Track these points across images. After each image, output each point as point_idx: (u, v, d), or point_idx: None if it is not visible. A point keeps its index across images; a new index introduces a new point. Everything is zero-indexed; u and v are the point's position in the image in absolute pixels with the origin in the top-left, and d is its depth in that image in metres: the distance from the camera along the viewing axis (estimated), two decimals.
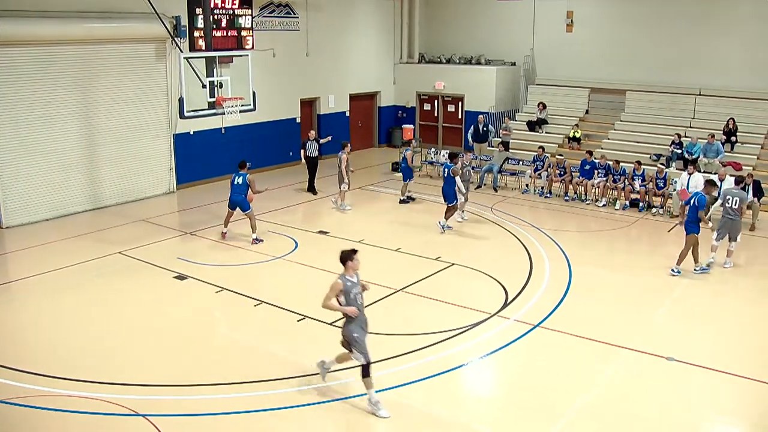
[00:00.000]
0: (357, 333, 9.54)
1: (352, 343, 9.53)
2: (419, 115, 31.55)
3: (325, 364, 10.22)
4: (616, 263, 16.20)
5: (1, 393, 10.08)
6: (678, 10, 25.32)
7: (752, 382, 10.49)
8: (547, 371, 10.86)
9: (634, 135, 24.82)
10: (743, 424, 9.70)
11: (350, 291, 9.49)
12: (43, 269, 15.38)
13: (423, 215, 20.05)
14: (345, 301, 9.49)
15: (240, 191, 17.02)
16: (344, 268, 9.63)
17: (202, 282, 14.60)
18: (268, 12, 25.10)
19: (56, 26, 18.75)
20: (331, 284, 9.44)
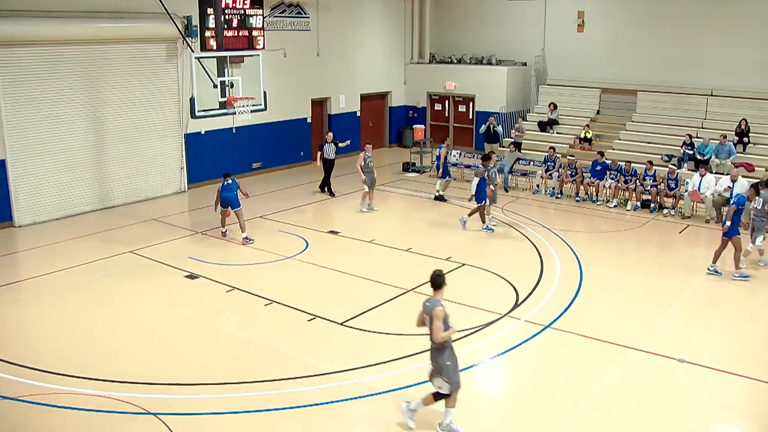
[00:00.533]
0: (451, 360, 8.97)
1: (444, 372, 8.91)
2: (430, 115, 31.52)
3: (410, 406, 9.37)
4: (627, 264, 16.15)
5: (12, 390, 10.14)
6: (691, 10, 25.19)
7: (765, 384, 10.44)
8: (558, 372, 10.83)
9: (646, 135, 24.71)
10: (754, 427, 9.64)
11: (448, 316, 8.95)
12: (53, 268, 15.44)
13: (434, 215, 20.03)
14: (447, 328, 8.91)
15: (231, 189, 17.14)
16: (438, 293, 9.06)
17: (213, 281, 14.62)
18: (279, 12, 25.12)
19: (67, 26, 18.81)
20: (436, 313, 8.72)
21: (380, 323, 12.43)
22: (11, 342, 12.10)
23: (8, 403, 9.82)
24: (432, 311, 8.78)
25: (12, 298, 14.02)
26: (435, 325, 8.72)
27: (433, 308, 8.78)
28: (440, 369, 8.94)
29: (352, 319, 12.61)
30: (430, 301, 8.97)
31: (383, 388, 10.17)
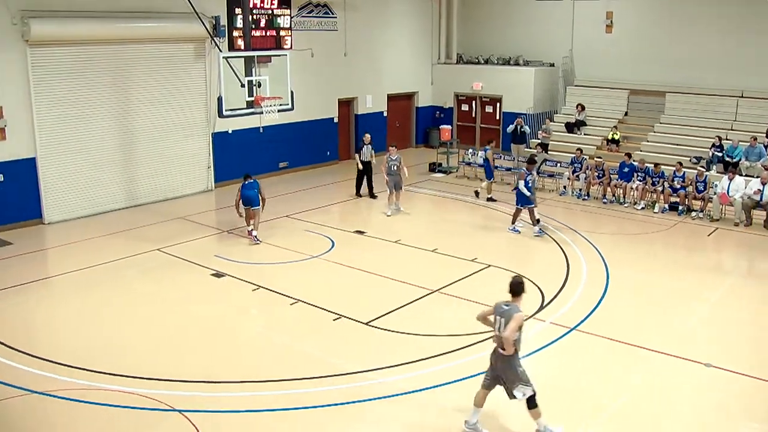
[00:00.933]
0: (522, 366, 8.87)
1: (518, 378, 8.76)
2: (457, 115, 31.47)
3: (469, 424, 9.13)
4: (654, 267, 16.00)
5: (41, 385, 10.25)
6: (720, 10, 24.94)
7: None
8: (582, 374, 10.78)
9: (674, 137, 24.50)
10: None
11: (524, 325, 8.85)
12: (82, 265, 15.60)
13: (461, 216, 20.01)
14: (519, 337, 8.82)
15: (252, 187, 17.16)
16: (518, 299, 8.88)
17: (239, 280, 14.70)
18: (307, 12, 25.19)
19: (97, 26, 19.02)
20: (517, 317, 8.60)
21: (405, 324, 12.43)
22: (41, 338, 12.27)
23: (38, 398, 9.93)
24: (512, 314, 8.66)
25: (41, 295, 14.19)
26: (511, 326, 8.55)
27: (514, 312, 8.68)
28: (517, 376, 8.79)
29: (377, 319, 12.62)
30: (509, 305, 8.82)
31: (407, 388, 10.17)
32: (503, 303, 8.90)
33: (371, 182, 21.95)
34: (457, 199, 21.77)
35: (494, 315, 8.95)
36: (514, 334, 8.58)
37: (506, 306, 8.83)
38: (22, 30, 17.70)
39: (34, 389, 10.14)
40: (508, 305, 8.82)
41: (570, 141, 25.87)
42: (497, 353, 8.92)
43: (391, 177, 19.78)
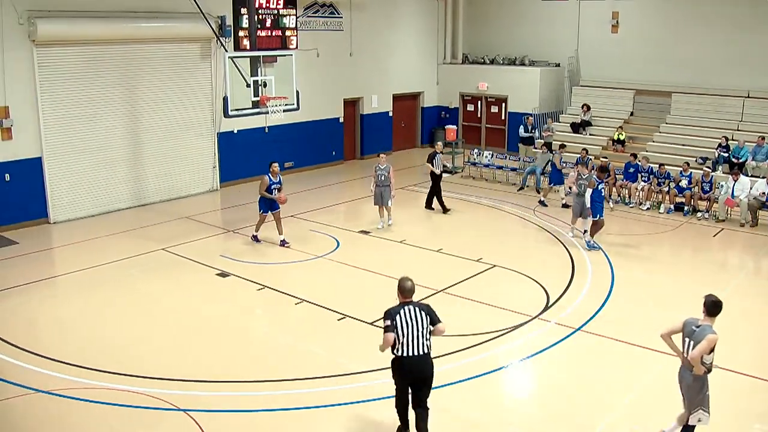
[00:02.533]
0: (708, 390, 8.39)
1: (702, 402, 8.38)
2: (462, 115, 31.47)
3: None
4: (659, 267, 15.98)
5: (45, 384, 10.28)
6: (725, 10, 24.88)
7: None
8: (587, 375, 10.76)
9: (680, 138, 24.46)
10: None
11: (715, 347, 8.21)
12: (87, 264, 15.64)
13: (466, 216, 19.99)
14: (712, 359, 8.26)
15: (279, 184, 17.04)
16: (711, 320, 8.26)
17: (244, 279, 14.72)
18: (312, 12, 25.21)
19: (103, 26, 19.06)
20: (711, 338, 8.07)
21: None
22: (45, 336, 12.31)
23: (40, 397, 9.96)
24: (705, 335, 8.05)
25: (46, 294, 14.22)
26: (702, 346, 8.01)
27: (707, 333, 8.06)
28: (702, 400, 8.35)
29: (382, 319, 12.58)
30: (699, 326, 8.19)
31: None
32: (693, 322, 8.28)
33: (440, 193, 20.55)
34: (462, 200, 21.74)
35: (683, 334, 8.38)
36: (704, 356, 8.08)
37: (697, 327, 8.20)
38: (28, 30, 17.75)
39: (39, 388, 10.16)
40: (698, 326, 8.19)
41: (575, 141, 25.83)
42: (683, 375, 8.44)
43: (378, 189, 18.30)
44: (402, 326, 8.35)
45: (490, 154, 25.50)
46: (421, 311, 8.45)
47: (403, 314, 8.41)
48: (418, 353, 8.34)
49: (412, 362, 8.36)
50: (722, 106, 24.92)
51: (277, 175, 16.90)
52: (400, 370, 8.52)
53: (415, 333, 8.33)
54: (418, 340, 8.34)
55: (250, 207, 20.54)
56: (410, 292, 8.53)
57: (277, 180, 16.85)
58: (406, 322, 8.36)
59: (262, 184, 16.77)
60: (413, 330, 8.33)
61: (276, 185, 16.81)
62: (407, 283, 8.55)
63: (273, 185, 16.78)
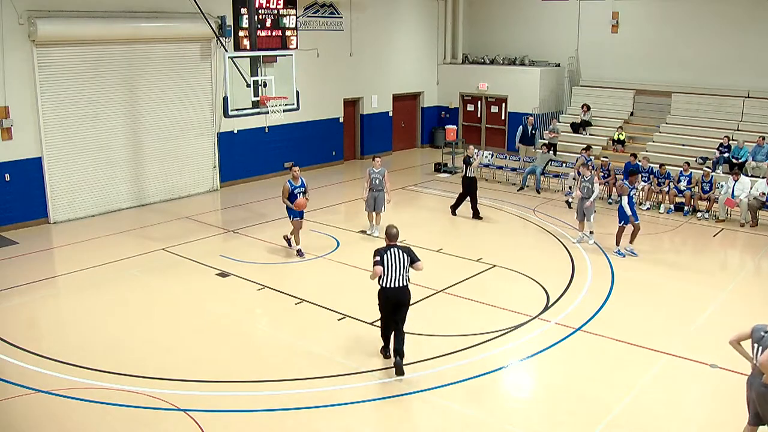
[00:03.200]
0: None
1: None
2: (462, 115, 31.47)
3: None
4: (659, 267, 15.97)
5: (45, 384, 10.28)
6: (725, 10, 24.89)
7: None
8: (587, 375, 10.76)
9: (680, 138, 24.46)
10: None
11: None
12: (87, 264, 15.64)
13: (466, 217, 19.99)
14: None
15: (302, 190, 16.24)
16: None
17: (244, 279, 14.72)
18: (313, 12, 25.22)
19: (103, 26, 19.07)
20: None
21: (409, 323, 12.39)
22: (45, 336, 12.31)
23: (41, 397, 9.96)
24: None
25: (46, 294, 14.22)
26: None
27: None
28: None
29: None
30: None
31: (412, 388, 10.17)
32: (762, 328, 7.96)
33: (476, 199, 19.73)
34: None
35: (751, 340, 8.04)
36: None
37: (765, 332, 7.90)
38: (28, 30, 17.74)
39: (40, 388, 10.16)
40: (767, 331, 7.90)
41: (575, 141, 25.84)
42: (752, 383, 7.98)
43: (371, 194, 17.67)
44: (386, 263, 10.40)
45: (490, 154, 25.51)
46: (402, 252, 10.55)
47: (389, 254, 10.47)
48: (398, 285, 10.46)
49: (393, 292, 10.48)
50: (722, 106, 24.92)
51: (299, 179, 16.00)
52: (384, 298, 10.62)
53: (397, 269, 10.43)
54: (399, 274, 10.44)
55: (250, 207, 20.60)
56: (395, 237, 10.73)
57: (299, 183, 15.96)
58: (390, 260, 10.43)
59: (284, 191, 15.90)
60: (395, 267, 10.42)
61: (300, 189, 15.96)
62: (393, 230, 10.74)
63: (296, 190, 15.93)
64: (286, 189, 15.84)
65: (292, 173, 16.05)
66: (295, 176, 15.96)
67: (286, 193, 15.85)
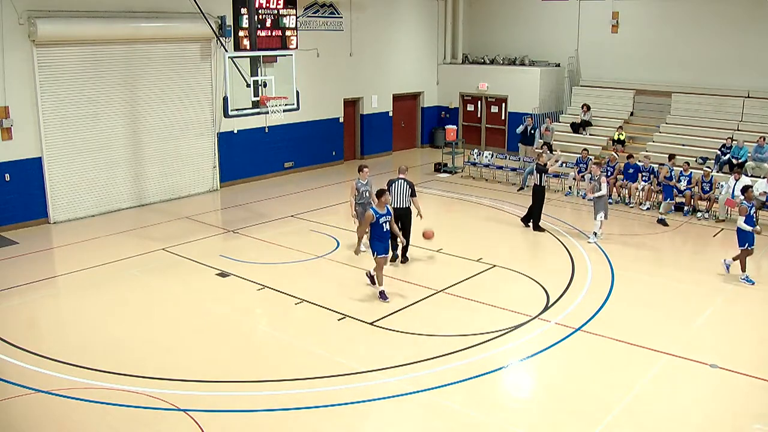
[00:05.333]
0: None
1: None
2: (462, 115, 31.46)
3: None
4: (659, 267, 15.98)
5: (45, 384, 10.28)
6: (725, 10, 24.89)
7: None
8: (587, 375, 10.76)
9: (680, 138, 24.45)
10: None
11: None
12: (87, 264, 15.64)
13: (466, 217, 20.00)
14: None
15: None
16: None
17: (244, 279, 14.71)
18: (313, 12, 25.22)
19: (103, 26, 19.08)
20: None
21: (409, 324, 12.43)
22: (45, 336, 12.32)
23: (41, 397, 9.96)
24: None
25: (46, 294, 14.23)
26: None
27: None
28: None
29: (382, 319, 12.62)
30: None
31: (412, 388, 10.16)
32: None
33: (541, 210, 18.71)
34: (462, 200, 21.75)
35: None
36: None
37: None
38: (28, 30, 17.75)
39: (40, 388, 10.16)
40: None
41: (575, 141, 25.84)
42: None
43: (361, 206, 16.16)
44: (393, 191, 15.26)
45: (490, 154, 25.50)
46: (405, 183, 15.50)
47: (395, 185, 15.46)
48: (400, 206, 15.38)
49: (396, 210, 14.84)
50: (722, 106, 24.90)
51: (385, 206, 13.43)
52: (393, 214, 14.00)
53: (400, 195, 15.44)
54: (402, 198, 15.46)
55: (250, 207, 20.59)
56: (403, 171, 15.73)
57: (385, 211, 13.35)
58: (396, 188, 15.42)
59: (367, 220, 13.34)
60: (399, 193, 15.43)
61: (386, 218, 13.36)
62: (403, 167, 15.84)
63: (382, 219, 13.28)
64: (369, 217, 13.23)
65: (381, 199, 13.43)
66: (382, 202, 13.37)
67: (368, 222, 13.35)
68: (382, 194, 13.48)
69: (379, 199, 13.48)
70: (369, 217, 13.25)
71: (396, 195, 15.13)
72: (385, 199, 13.47)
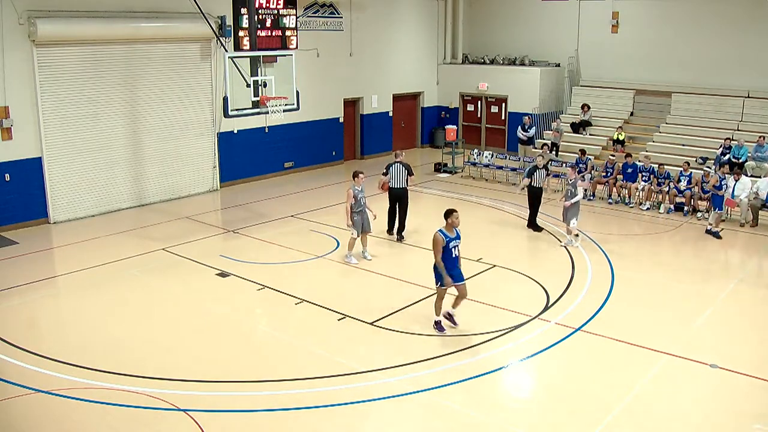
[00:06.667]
0: None
1: None
2: (462, 115, 31.47)
3: None
4: (659, 267, 15.97)
5: (45, 384, 10.28)
6: (725, 10, 24.89)
7: None
8: (587, 375, 10.76)
9: (680, 138, 24.46)
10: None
11: None
12: (87, 264, 15.64)
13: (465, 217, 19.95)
14: None
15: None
16: None
17: (244, 279, 14.71)
18: (313, 12, 25.23)
19: (103, 26, 19.08)
20: None
21: (410, 324, 12.43)
22: (45, 336, 12.32)
23: (41, 397, 9.96)
24: None
25: (46, 294, 14.23)
26: None
27: None
28: None
29: (382, 319, 12.62)
30: None
31: (412, 388, 10.16)
32: None
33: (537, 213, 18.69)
34: (462, 200, 21.73)
35: None
36: None
37: None
38: (28, 30, 17.74)
39: (40, 388, 10.16)
40: None
41: (575, 141, 25.85)
42: None
43: (359, 214, 15.79)
44: (392, 172, 17.20)
45: (490, 154, 25.50)
46: (402, 167, 17.17)
47: (394, 167, 17.19)
48: (398, 186, 17.23)
49: (395, 190, 17.30)
50: (722, 106, 24.91)
51: (454, 229, 11.76)
52: (391, 194, 17.39)
53: (398, 176, 17.19)
54: (399, 179, 17.20)
55: (250, 207, 20.59)
56: (399, 156, 17.35)
57: (455, 235, 11.76)
58: (394, 171, 17.19)
59: (437, 245, 11.57)
60: (397, 175, 17.20)
61: (456, 242, 11.78)
62: (401, 153, 17.54)
63: (452, 243, 11.70)
64: (439, 241, 11.58)
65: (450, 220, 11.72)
66: (451, 224, 11.73)
67: (438, 247, 11.60)
68: (449, 215, 11.67)
69: (446, 219, 11.69)
70: (439, 241, 11.46)
71: (395, 177, 17.18)
72: (452, 220, 11.63)
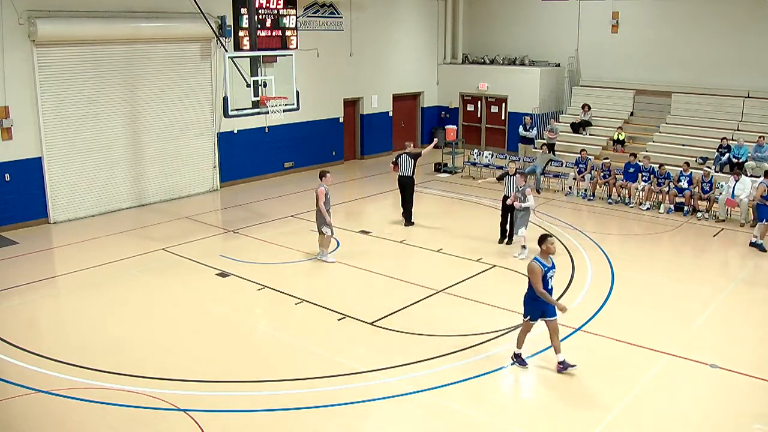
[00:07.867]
0: None
1: None
2: (462, 115, 31.46)
3: None
4: (659, 267, 15.96)
5: (46, 384, 10.28)
6: (725, 10, 24.89)
7: None
8: (587, 375, 10.75)
9: (680, 138, 24.45)
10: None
11: None
12: (87, 264, 15.64)
13: (466, 217, 20.00)
14: None
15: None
16: None
17: (244, 279, 14.71)
18: (313, 12, 25.22)
19: (103, 26, 19.07)
20: None
21: (410, 323, 12.43)
22: (45, 336, 12.32)
23: (41, 397, 9.96)
24: None
25: (46, 294, 14.23)
26: None
27: None
28: None
29: (382, 319, 12.62)
30: None
31: (412, 388, 10.16)
32: None
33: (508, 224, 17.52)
34: (462, 200, 21.74)
35: None
36: None
37: None
38: (28, 30, 17.74)
39: (40, 388, 10.16)
40: None
41: (575, 141, 25.85)
42: None
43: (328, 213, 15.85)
44: (400, 162, 18.68)
45: (490, 155, 25.50)
46: (409, 156, 18.72)
47: (402, 158, 18.71)
48: (405, 174, 18.66)
49: (403, 178, 18.73)
50: (722, 106, 24.90)
51: (549, 257, 10.65)
52: (399, 181, 18.87)
53: (406, 165, 18.64)
54: (406, 168, 18.64)
55: (250, 207, 20.59)
56: (406, 148, 18.85)
57: (551, 264, 10.67)
58: (402, 161, 18.66)
59: (536, 275, 10.46)
60: (405, 164, 18.65)
61: (552, 272, 10.75)
62: (406, 143, 19.41)
63: (549, 273, 10.66)
64: (538, 272, 10.49)
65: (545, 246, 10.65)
66: (547, 251, 10.64)
67: (538, 277, 10.50)
68: (544, 240, 10.60)
69: (541, 246, 10.65)
70: (538, 271, 10.39)
71: (403, 166, 18.75)
72: (547, 247, 10.54)
